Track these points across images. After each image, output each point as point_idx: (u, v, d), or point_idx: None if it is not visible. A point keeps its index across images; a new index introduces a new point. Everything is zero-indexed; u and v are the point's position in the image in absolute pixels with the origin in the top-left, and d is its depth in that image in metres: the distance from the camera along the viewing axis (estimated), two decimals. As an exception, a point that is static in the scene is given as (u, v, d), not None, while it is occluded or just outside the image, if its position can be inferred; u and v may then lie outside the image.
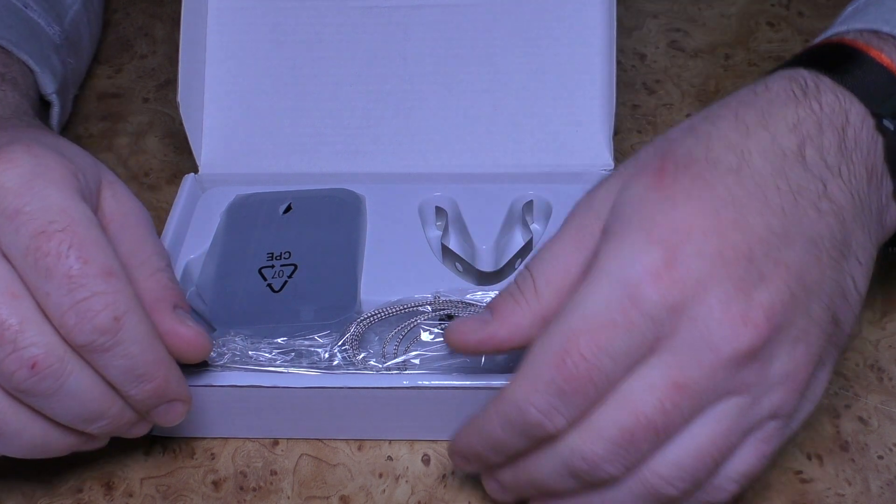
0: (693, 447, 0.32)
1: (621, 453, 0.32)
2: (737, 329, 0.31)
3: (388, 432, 0.42)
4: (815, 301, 0.32)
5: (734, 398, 0.32)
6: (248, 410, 0.40)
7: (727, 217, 0.32)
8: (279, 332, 0.41)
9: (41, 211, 0.33)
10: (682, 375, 0.31)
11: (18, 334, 0.32)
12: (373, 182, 0.49)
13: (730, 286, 0.31)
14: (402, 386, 0.39)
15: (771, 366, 0.32)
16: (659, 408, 0.31)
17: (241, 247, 0.45)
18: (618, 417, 0.32)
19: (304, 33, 0.50)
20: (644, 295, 0.31)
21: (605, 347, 0.31)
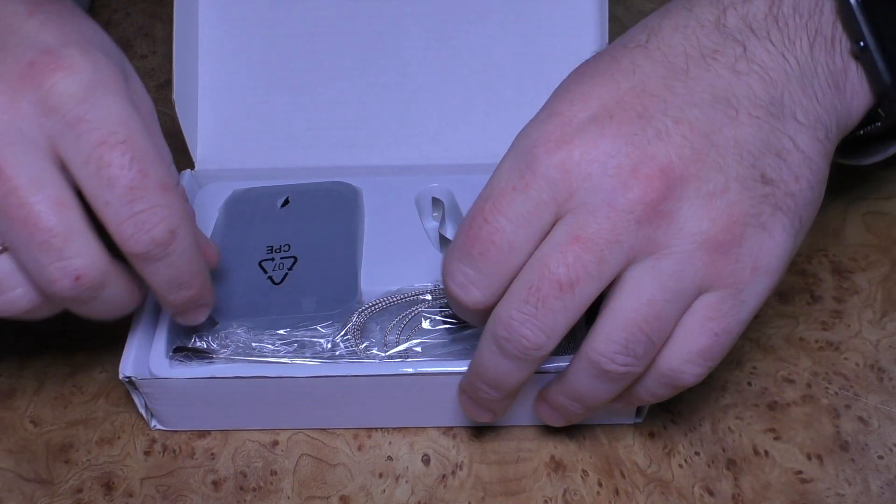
0: (620, 318, 0.33)
1: (532, 312, 0.32)
2: (627, 181, 0.32)
3: (393, 420, 0.42)
4: (732, 159, 0.32)
5: (649, 259, 0.32)
6: (254, 402, 0.41)
7: (625, 85, 0.33)
8: (281, 323, 0.42)
9: (103, 120, 0.33)
10: (580, 229, 0.32)
11: (65, 244, 0.33)
12: (369, 175, 0.49)
13: (621, 143, 0.32)
14: (406, 373, 0.39)
15: (680, 222, 0.32)
16: (561, 261, 0.32)
17: (241, 241, 0.45)
18: (526, 278, 0.33)
19: (298, 27, 0.50)
20: (538, 158, 0.32)
21: (504, 210, 0.33)
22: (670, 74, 0.33)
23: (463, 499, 0.40)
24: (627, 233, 0.32)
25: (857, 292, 0.47)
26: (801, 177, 0.33)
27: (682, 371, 0.34)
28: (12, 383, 0.44)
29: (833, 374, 0.43)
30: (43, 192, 0.33)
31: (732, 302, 0.33)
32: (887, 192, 0.51)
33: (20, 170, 0.32)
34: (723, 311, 0.33)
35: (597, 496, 0.39)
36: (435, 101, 0.50)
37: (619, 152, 0.32)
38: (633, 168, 0.32)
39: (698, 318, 0.33)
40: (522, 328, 0.33)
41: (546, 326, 0.33)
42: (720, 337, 0.33)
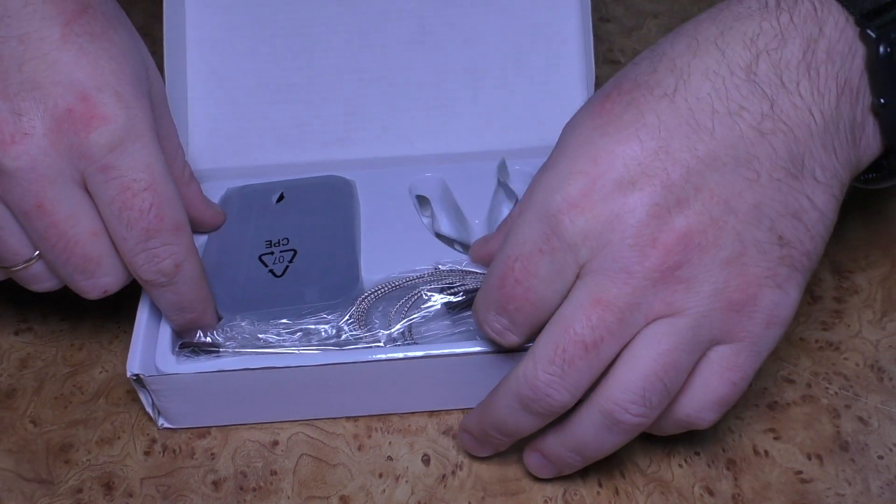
0: (638, 369, 0.34)
1: (558, 373, 0.34)
2: (645, 251, 0.33)
3: (402, 406, 0.42)
4: (749, 224, 0.33)
5: (668, 318, 0.33)
6: (263, 393, 0.41)
7: (650, 146, 0.33)
8: (285, 314, 0.42)
9: (129, 168, 0.37)
10: (602, 292, 0.33)
11: (97, 268, 0.39)
12: (361, 168, 0.49)
13: (643, 213, 0.33)
14: (415, 356, 0.40)
15: (696, 287, 0.33)
16: (585, 322, 0.33)
17: (239, 237, 0.46)
18: (551, 336, 0.34)
19: (285, 25, 0.50)
20: (562, 224, 0.34)
21: (534, 271, 0.34)
22: (694, 134, 0.33)
23: (463, 499, 0.40)
24: (646, 297, 0.33)
25: (857, 292, 0.47)
26: (817, 235, 0.34)
27: (700, 418, 0.35)
28: (12, 383, 0.44)
29: (833, 374, 0.43)
30: (79, 226, 0.38)
31: (748, 353, 0.34)
32: (887, 192, 0.51)
33: (59, 206, 0.37)
34: (739, 362, 0.34)
35: (597, 496, 0.39)
36: (423, 94, 0.51)
37: (640, 223, 0.33)
38: (652, 239, 0.33)
39: (716, 368, 0.34)
40: (549, 389, 0.34)
41: (571, 385, 0.34)
42: (738, 385, 0.35)
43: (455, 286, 0.43)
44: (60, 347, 0.46)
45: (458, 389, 0.41)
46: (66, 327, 0.47)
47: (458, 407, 0.43)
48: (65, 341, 0.46)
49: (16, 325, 0.47)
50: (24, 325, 0.47)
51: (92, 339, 0.46)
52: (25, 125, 0.36)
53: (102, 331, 0.47)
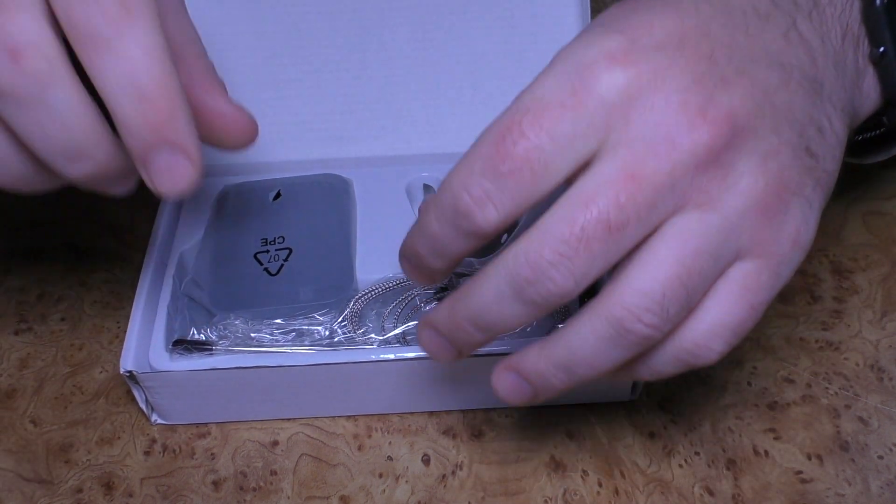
0: (659, 270, 0.29)
1: (568, 253, 0.29)
2: (695, 122, 0.29)
3: (393, 406, 0.42)
4: (785, 123, 0.30)
5: (697, 212, 0.29)
6: (255, 392, 0.41)
7: (690, 23, 0.30)
8: (280, 313, 0.42)
9: None
10: (638, 166, 0.29)
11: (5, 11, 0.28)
12: (359, 166, 0.50)
13: (690, 79, 0.29)
14: (406, 357, 0.40)
15: (735, 177, 0.30)
16: (613, 199, 0.28)
17: (235, 234, 0.46)
18: (567, 212, 0.29)
19: (282, 23, 0.50)
20: (598, 75, 0.29)
21: (548, 128, 0.29)
22: (731, 24, 0.31)
23: (463, 499, 0.40)
24: (685, 178, 0.29)
25: (857, 292, 0.47)
26: (834, 158, 0.32)
27: (708, 348, 0.31)
28: (12, 383, 0.44)
29: (833, 374, 0.43)
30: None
31: (770, 274, 0.31)
32: (887, 192, 0.51)
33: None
34: (761, 283, 0.31)
35: (597, 496, 0.39)
36: (421, 92, 0.51)
37: (688, 89, 0.29)
38: (702, 108, 0.29)
39: (735, 287, 0.30)
40: (552, 270, 0.29)
41: (579, 272, 0.29)
42: (755, 310, 0.31)
43: (449, 288, 0.43)
44: (60, 347, 0.46)
45: (453, 391, 0.41)
46: (66, 327, 0.47)
47: (455, 408, 0.43)
48: (65, 341, 0.46)
49: (16, 325, 0.47)
50: (24, 325, 0.47)
51: (92, 339, 0.46)
52: None
53: (102, 331, 0.47)
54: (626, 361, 0.31)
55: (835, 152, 0.32)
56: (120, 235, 0.51)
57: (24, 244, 0.51)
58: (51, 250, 0.51)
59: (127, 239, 0.50)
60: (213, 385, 0.40)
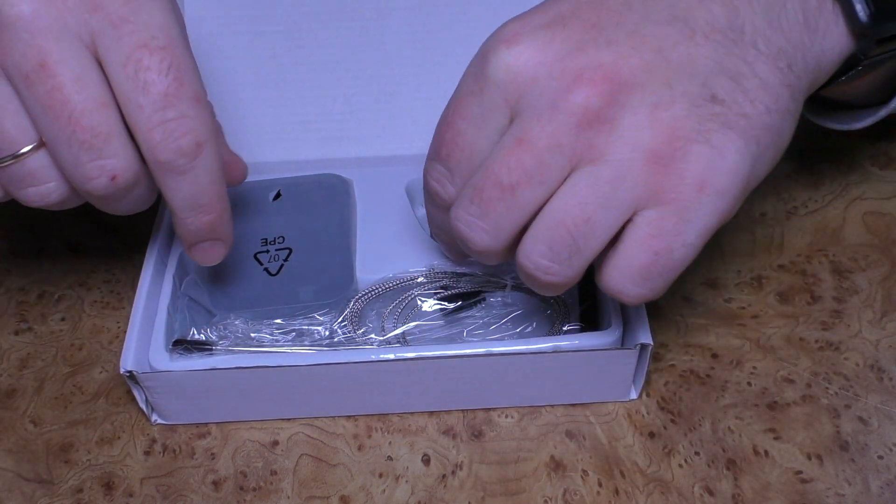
0: (549, 217, 0.33)
1: (477, 213, 0.33)
2: (570, 84, 0.32)
3: (393, 406, 0.42)
4: (683, 75, 0.32)
5: (587, 166, 0.32)
6: (255, 392, 0.41)
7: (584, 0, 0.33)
8: (280, 314, 0.42)
9: (145, 24, 0.33)
10: (524, 131, 0.32)
11: (105, 144, 0.34)
12: (359, 166, 0.50)
13: (570, 47, 0.32)
14: (406, 357, 0.40)
15: (621, 130, 0.32)
16: (504, 163, 0.32)
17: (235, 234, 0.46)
18: (476, 178, 0.34)
19: (283, 23, 0.50)
20: (488, 61, 0.33)
21: (464, 114, 0.34)
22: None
23: (463, 499, 0.40)
24: (568, 137, 0.32)
25: (857, 292, 0.47)
26: (757, 100, 0.33)
27: (623, 292, 0.34)
28: (12, 383, 0.44)
29: (833, 374, 0.43)
30: (87, 91, 0.33)
31: (675, 220, 0.32)
32: (887, 192, 0.51)
33: (66, 66, 0.33)
34: (664, 229, 0.32)
35: (597, 496, 0.39)
36: (420, 92, 0.51)
37: (567, 57, 0.32)
38: (579, 72, 0.32)
39: (638, 234, 0.33)
40: (469, 231, 0.34)
41: (490, 227, 0.33)
42: (661, 256, 0.33)
43: (449, 289, 0.43)
44: (60, 347, 0.46)
45: (452, 390, 0.41)
46: (66, 327, 0.47)
47: (455, 408, 0.43)
48: (65, 341, 0.46)
49: (16, 325, 0.47)
50: (24, 325, 0.47)
51: (92, 339, 0.46)
52: None
53: (102, 331, 0.47)
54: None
55: (757, 95, 0.33)
56: (120, 235, 0.51)
57: (24, 244, 0.51)
58: (51, 250, 0.51)
59: (127, 239, 0.50)
60: (213, 385, 0.40)
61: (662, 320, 0.45)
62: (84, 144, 0.33)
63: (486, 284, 0.44)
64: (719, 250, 0.48)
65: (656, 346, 0.44)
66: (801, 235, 0.49)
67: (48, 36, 0.32)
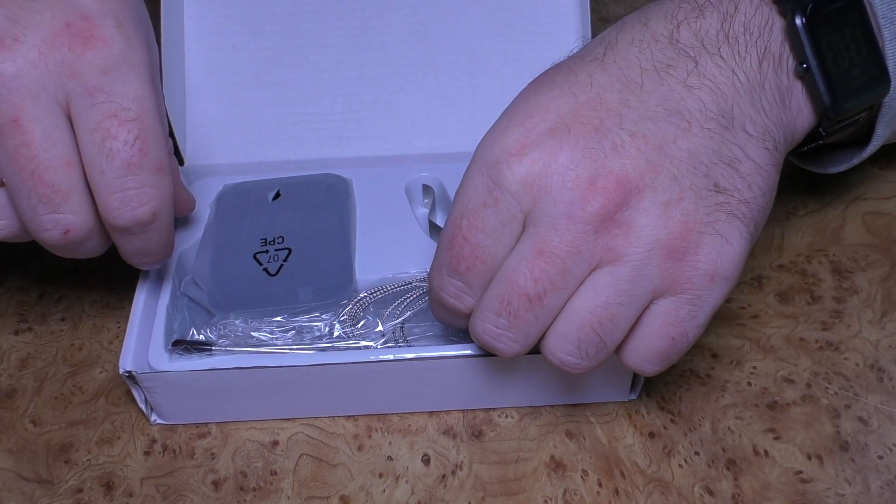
0: (574, 321, 0.34)
1: (505, 325, 0.35)
2: (585, 193, 0.33)
3: (392, 406, 0.42)
4: (687, 168, 0.34)
5: (608, 267, 0.34)
6: (254, 392, 0.41)
7: (582, 98, 0.34)
8: (279, 314, 0.42)
9: (120, 95, 0.35)
10: (543, 243, 0.33)
11: (63, 201, 0.35)
12: (358, 166, 0.50)
13: (579, 155, 0.33)
14: (405, 358, 0.40)
15: (637, 231, 0.33)
16: (528, 275, 0.34)
17: (234, 234, 0.46)
18: (497, 290, 0.35)
19: (282, 22, 0.50)
20: (502, 174, 0.34)
21: (480, 226, 0.34)
22: (626, 88, 0.34)
23: (463, 499, 0.40)
24: (587, 243, 0.33)
25: (857, 292, 0.47)
26: (754, 185, 0.35)
27: (642, 368, 0.36)
28: (12, 383, 0.44)
29: (833, 374, 0.43)
30: (54, 150, 0.35)
31: (689, 308, 0.34)
32: (887, 192, 0.51)
33: (37, 125, 0.35)
34: (679, 317, 0.34)
35: (597, 496, 0.39)
36: (420, 92, 0.51)
37: (577, 165, 0.33)
38: (591, 181, 0.33)
39: (656, 323, 0.35)
40: (498, 343, 0.35)
41: (519, 337, 0.35)
42: (677, 341, 0.35)
43: None
44: (60, 347, 0.46)
45: (452, 390, 0.41)
46: (66, 327, 0.47)
47: (454, 408, 0.43)
48: (65, 341, 0.46)
49: (16, 325, 0.47)
50: (24, 325, 0.47)
51: (92, 339, 0.46)
52: (17, 31, 0.34)
53: (102, 331, 0.47)
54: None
55: (753, 179, 0.35)
56: (120, 235, 0.51)
57: (25, 244, 0.51)
58: (51, 250, 0.51)
59: (127, 239, 0.50)
60: (212, 385, 0.40)
61: (662, 320, 0.45)
62: (42, 198, 0.35)
63: None
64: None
65: (656, 346, 0.44)
66: (801, 235, 0.49)
67: (25, 94, 0.34)
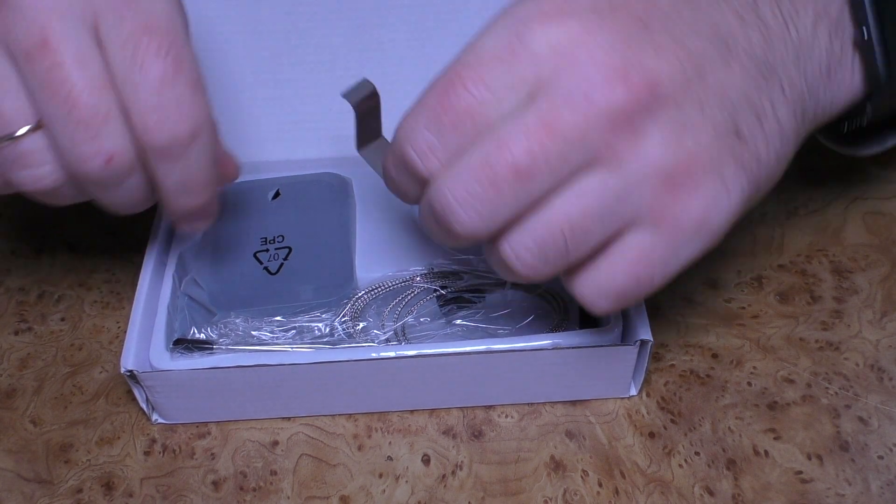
0: (547, 216, 0.31)
1: (479, 194, 0.30)
2: (613, 81, 0.30)
3: (393, 404, 0.42)
4: (715, 100, 0.31)
5: (600, 170, 0.30)
6: (256, 391, 0.41)
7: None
8: (279, 312, 0.42)
9: (148, 10, 0.33)
10: (553, 117, 0.30)
11: (103, 124, 0.33)
12: (357, 166, 0.49)
13: (618, 39, 0.30)
14: (406, 355, 0.40)
15: (645, 142, 0.30)
16: (524, 146, 0.30)
17: (234, 234, 0.46)
18: (484, 153, 0.30)
19: (280, 22, 0.51)
20: (530, 31, 0.30)
21: (487, 80, 0.31)
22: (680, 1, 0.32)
23: (463, 499, 0.40)
24: (595, 134, 0.30)
25: (857, 292, 0.47)
26: (772, 146, 0.32)
27: (593, 303, 0.33)
28: (12, 383, 0.44)
29: (833, 374, 0.43)
30: (87, 71, 0.33)
31: (664, 250, 0.32)
32: (887, 192, 0.51)
33: (68, 45, 0.32)
34: (652, 257, 0.32)
35: (597, 496, 0.39)
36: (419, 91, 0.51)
37: (614, 49, 0.30)
38: (624, 70, 0.30)
39: (626, 255, 0.32)
40: (459, 209, 0.31)
41: (485, 212, 0.31)
42: (641, 283, 0.32)
43: (449, 286, 0.44)
44: (60, 347, 0.46)
45: (453, 388, 0.41)
46: (66, 327, 0.47)
47: (455, 405, 0.43)
48: (65, 341, 0.46)
49: (16, 325, 0.47)
50: (24, 325, 0.47)
51: (92, 339, 0.46)
52: None
53: (102, 331, 0.47)
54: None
55: (773, 140, 0.32)
56: (120, 235, 0.51)
57: (24, 244, 0.51)
58: (51, 250, 0.51)
59: (127, 239, 0.50)
60: (213, 384, 0.40)
61: (662, 320, 0.45)
62: (81, 124, 0.33)
63: (486, 282, 0.44)
64: (719, 250, 0.48)
65: (656, 347, 0.44)
66: (801, 235, 0.49)
67: (52, 14, 0.32)
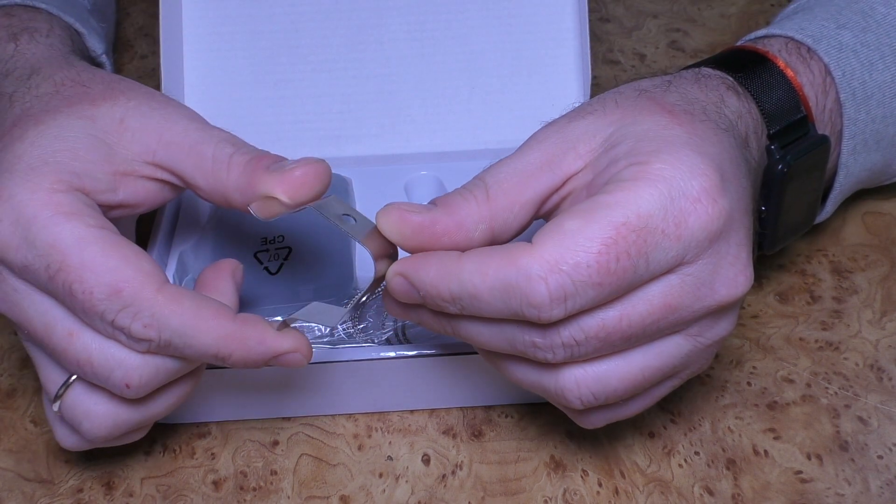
0: (622, 371, 0.33)
1: (583, 346, 0.32)
2: (737, 280, 0.32)
3: (398, 404, 0.42)
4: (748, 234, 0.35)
5: (679, 337, 0.33)
6: (255, 390, 0.41)
7: (733, 162, 0.34)
8: (279, 312, 0.42)
9: (38, 257, 0.33)
10: (678, 300, 0.31)
11: (100, 367, 0.34)
12: (357, 165, 0.50)
13: (743, 233, 0.33)
14: (409, 355, 0.40)
15: (723, 323, 0.34)
16: (638, 320, 0.31)
17: (234, 234, 0.46)
18: (606, 316, 0.31)
19: (281, 22, 0.51)
20: (697, 212, 0.31)
21: (648, 252, 0.30)
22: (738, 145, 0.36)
23: (463, 499, 0.40)
24: (700, 317, 0.33)
25: (857, 292, 0.47)
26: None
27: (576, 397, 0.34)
28: (13, 383, 0.44)
29: (833, 374, 0.43)
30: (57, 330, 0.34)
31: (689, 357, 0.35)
32: (887, 192, 0.51)
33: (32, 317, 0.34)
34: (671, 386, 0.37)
35: (597, 496, 0.39)
36: (419, 91, 0.51)
37: (742, 244, 0.33)
38: (745, 267, 0.33)
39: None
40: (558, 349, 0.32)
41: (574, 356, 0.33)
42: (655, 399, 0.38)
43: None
44: (60, 347, 0.46)
45: (453, 388, 0.41)
46: (67, 327, 0.47)
47: (455, 405, 0.43)
48: (65, 341, 0.46)
49: (16, 324, 0.47)
50: (25, 325, 0.47)
51: (92, 338, 0.46)
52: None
53: (102, 331, 0.47)
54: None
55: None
56: (120, 235, 0.51)
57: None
58: (51, 250, 0.50)
59: (127, 239, 0.50)
60: (213, 384, 0.40)
61: (662, 320, 0.45)
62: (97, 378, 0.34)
63: None
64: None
65: (656, 346, 0.44)
66: (801, 235, 0.49)
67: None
